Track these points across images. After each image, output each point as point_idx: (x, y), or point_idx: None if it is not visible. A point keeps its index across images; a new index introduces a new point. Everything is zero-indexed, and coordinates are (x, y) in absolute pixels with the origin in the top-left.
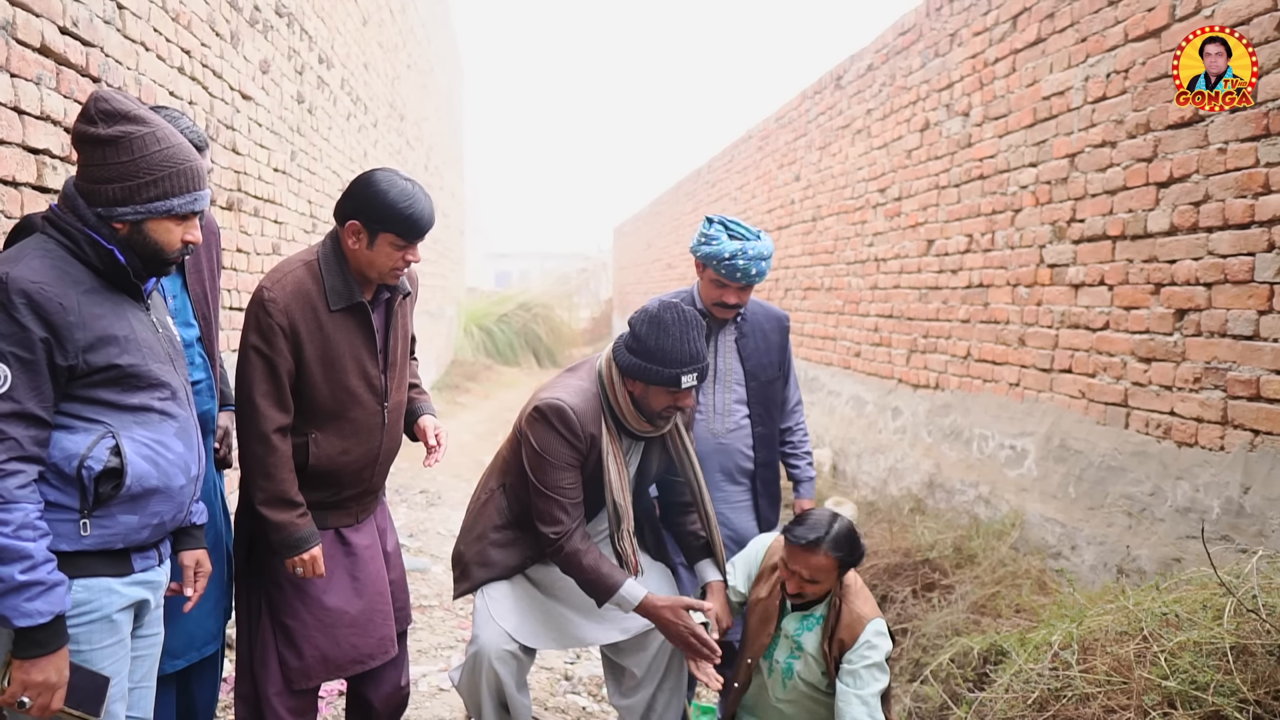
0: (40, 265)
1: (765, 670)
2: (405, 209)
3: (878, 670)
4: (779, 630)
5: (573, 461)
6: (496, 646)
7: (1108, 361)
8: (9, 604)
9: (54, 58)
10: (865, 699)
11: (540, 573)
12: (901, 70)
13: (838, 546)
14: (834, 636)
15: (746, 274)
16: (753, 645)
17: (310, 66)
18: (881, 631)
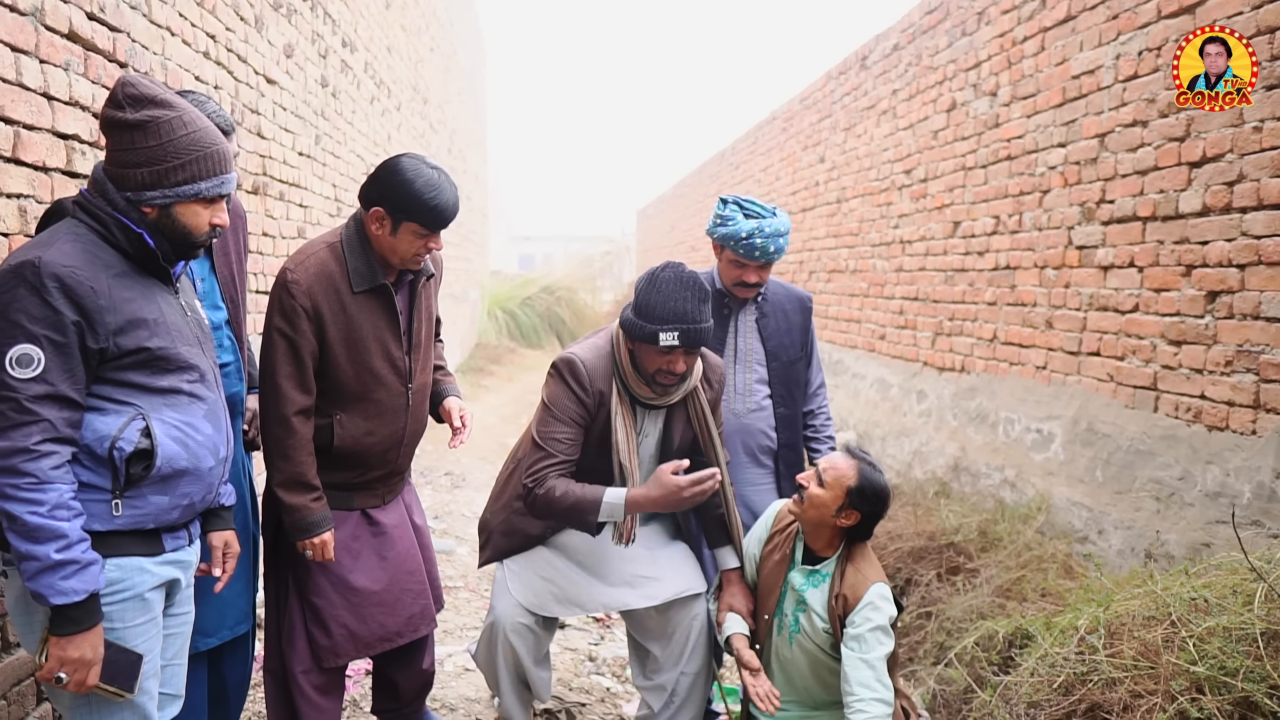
0: (71, 249)
1: (776, 628)
2: (430, 199)
3: (882, 634)
4: (786, 583)
5: (576, 418)
6: (511, 619)
7: (1137, 344)
8: (45, 582)
9: (82, 43)
10: (870, 662)
11: (561, 540)
12: (928, 50)
13: (866, 473)
14: (838, 594)
15: (765, 251)
16: (764, 602)
17: (334, 50)
18: (886, 596)
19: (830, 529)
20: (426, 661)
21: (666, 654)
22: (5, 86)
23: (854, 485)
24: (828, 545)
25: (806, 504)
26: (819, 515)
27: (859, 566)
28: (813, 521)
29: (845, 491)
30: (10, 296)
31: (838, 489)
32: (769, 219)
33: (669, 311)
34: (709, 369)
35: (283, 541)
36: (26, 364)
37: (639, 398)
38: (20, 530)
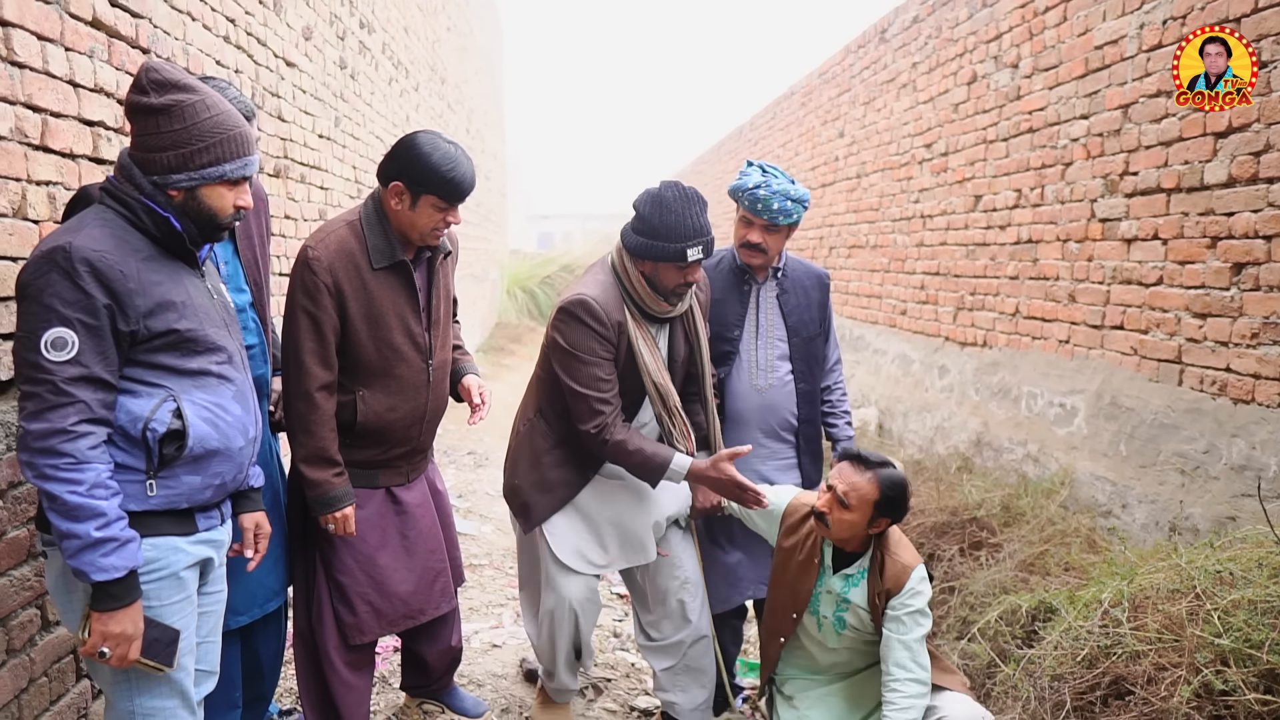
0: (100, 234)
1: (814, 625)
2: (448, 172)
3: (920, 616)
4: (820, 587)
5: (604, 354)
6: (579, 595)
7: (1161, 317)
8: (85, 560)
9: (105, 30)
10: (908, 644)
11: (593, 498)
12: (948, 22)
13: (887, 482)
14: (881, 590)
15: (769, 208)
16: (796, 599)
17: (352, 32)
18: (924, 577)
19: (861, 538)
20: (455, 638)
21: (663, 619)
22: (33, 75)
23: (879, 499)
24: (860, 545)
25: (834, 528)
26: (850, 533)
27: (894, 555)
28: (844, 539)
29: (873, 506)
30: (43, 281)
31: (864, 507)
32: (779, 179)
33: (687, 229)
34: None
35: (311, 520)
36: (61, 347)
37: (653, 314)
38: (60, 509)
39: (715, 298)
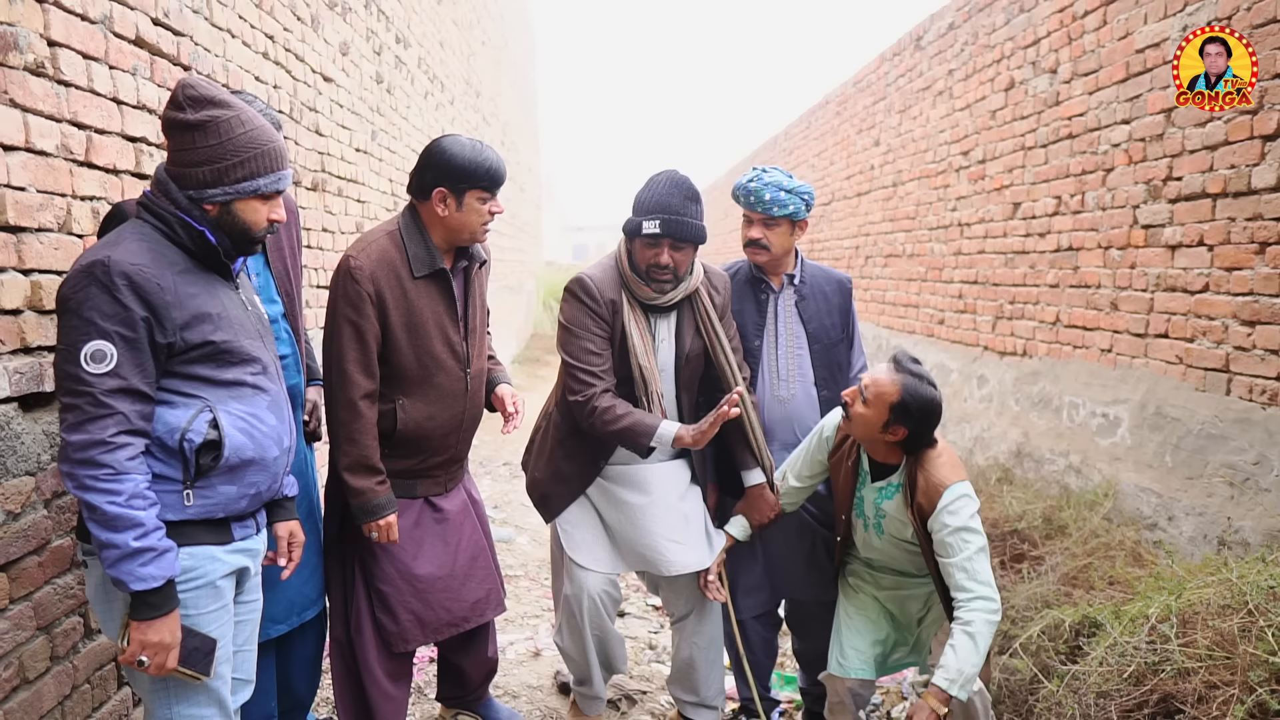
0: (138, 248)
1: (861, 526)
2: (483, 162)
3: (965, 534)
4: (859, 495)
5: (597, 330)
6: (596, 585)
7: (1207, 325)
8: (124, 569)
9: (148, 48)
10: (962, 565)
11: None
12: (984, 28)
13: (909, 388)
14: (914, 502)
15: (761, 199)
16: (842, 502)
17: (388, 47)
18: (961, 495)
19: (882, 444)
20: (492, 649)
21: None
22: (78, 93)
23: (896, 402)
24: (888, 456)
25: (853, 422)
26: (866, 432)
27: (929, 472)
28: (862, 438)
29: (888, 408)
30: (83, 295)
31: (880, 406)
32: (774, 173)
33: (653, 203)
34: (713, 276)
35: (348, 529)
36: (100, 359)
37: (642, 300)
38: (100, 519)
39: (733, 308)
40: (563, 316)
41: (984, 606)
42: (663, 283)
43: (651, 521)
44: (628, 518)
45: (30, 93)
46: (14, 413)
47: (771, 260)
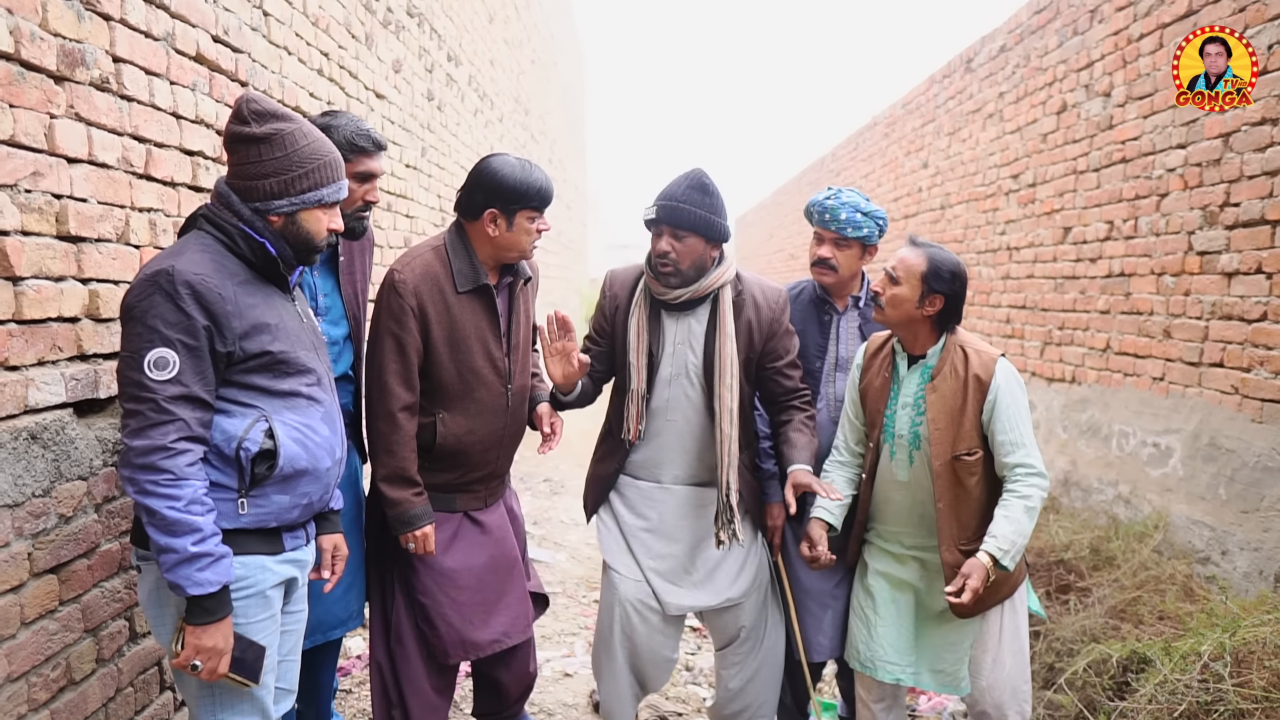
0: (200, 259)
1: (888, 455)
2: (534, 183)
3: (1021, 405)
4: (894, 400)
5: (599, 320)
6: (631, 594)
7: (1265, 355)
8: (182, 574)
9: (207, 65)
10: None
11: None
12: (1037, 50)
13: (933, 254)
14: (969, 373)
15: (836, 218)
16: (872, 426)
17: (439, 65)
18: (1009, 367)
19: (921, 322)
20: (532, 665)
21: (719, 644)
22: (140, 107)
23: (926, 270)
24: (927, 341)
25: (887, 306)
26: (903, 313)
27: (974, 346)
28: (900, 322)
29: (920, 278)
30: (148, 304)
31: (912, 279)
32: (851, 193)
33: (660, 193)
34: (761, 290)
35: (388, 542)
36: (163, 366)
37: (655, 296)
38: (159, 524)
39: (796, 328)
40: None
41: (1039, 483)
42: (666, 275)
43: (644, 552)
44: (635, 539)
45: (95, 107)
46: (69, 418)
47: (838, 282)
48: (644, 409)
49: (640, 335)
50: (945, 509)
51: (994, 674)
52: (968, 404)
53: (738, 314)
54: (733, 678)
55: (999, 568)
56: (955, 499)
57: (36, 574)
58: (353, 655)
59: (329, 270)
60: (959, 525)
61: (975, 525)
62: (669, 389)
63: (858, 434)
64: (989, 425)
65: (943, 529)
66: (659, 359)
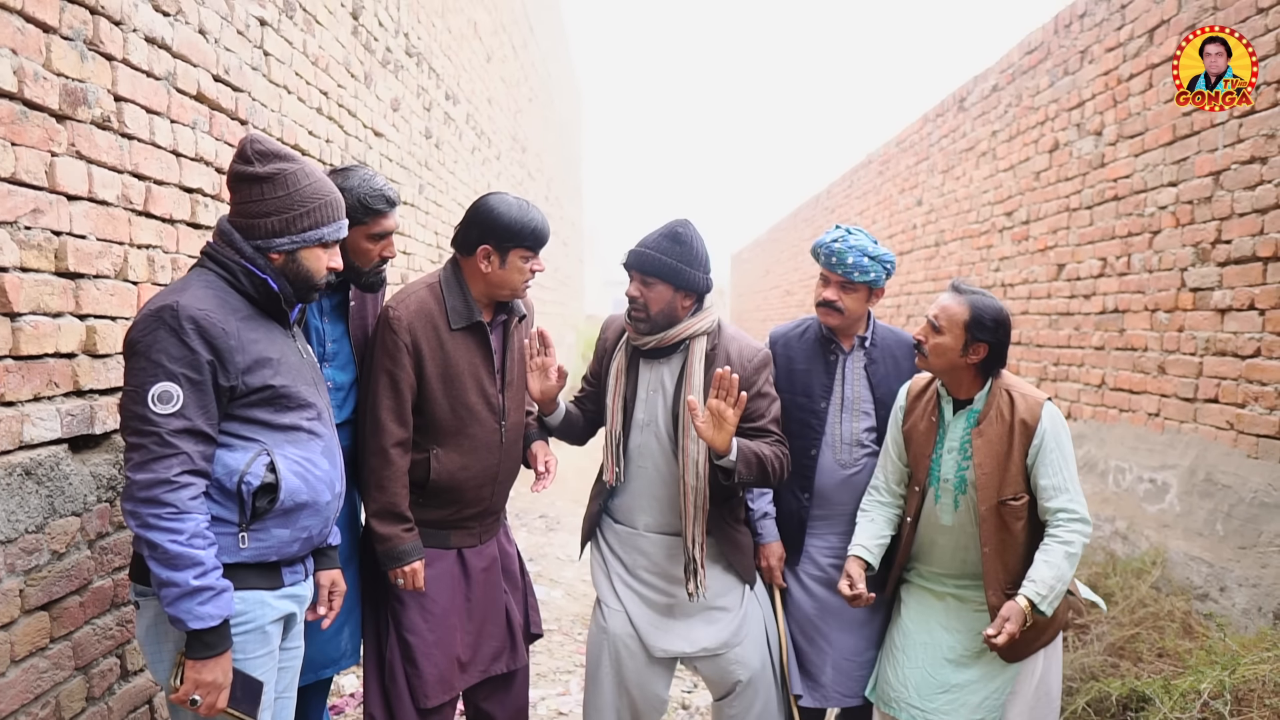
0: (203, 294)
1: (933, 498)
2: (529, 223)
3: (1066, 451)
4: (940, 447)
5: (595, 362)
6: (619, 630)
7: (1260, 391)
8: (183, 608)
9: (208, 103)
10: (1064, 485)
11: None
12: (1028, 90)
13: (976, 303)
14: (1015, 418)
15: (843, 262)
16: (919, 470)
17: (437, 103)
18: (1056, 411)
19: (965, 370)
20: (524, 698)
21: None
22: (140, 145)
23: (969, 319)
24: (972, 387)
25: (931, 355)
26: (947, 361)
27: (1020, 390)
28: (943, 370)
29: (964, 327)
30: (152, 338)
31: (955, 329)
32: (859, 236)
33: (640, 240)
34: (737, 345)
35: (382, 579)
36: (167, 400)
37: (629, 339)
38: (161, 558)
39: (800, 368)
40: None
41: (1081, 529)
42: (636, 320)
43: (626, 593)
44: (619, 579)
45: (95, 145)
46: (64, 454)
47: (843, 323)
48: (619, 453)
49: (618, 380)
50: (991, 553)
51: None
52: (1014, 449)
53: (708, 366)
54: None
55: (1037, 612)
56: (1001, 543)
57: (28, 611)
58: (345, 694)
59: (338, 315)
60: (1005, 570)
61: (1020, 569)
62: (641, 435)
63: (899, 474)
64: (1033, 469)
65: (988, 573)
66: (633, 405)
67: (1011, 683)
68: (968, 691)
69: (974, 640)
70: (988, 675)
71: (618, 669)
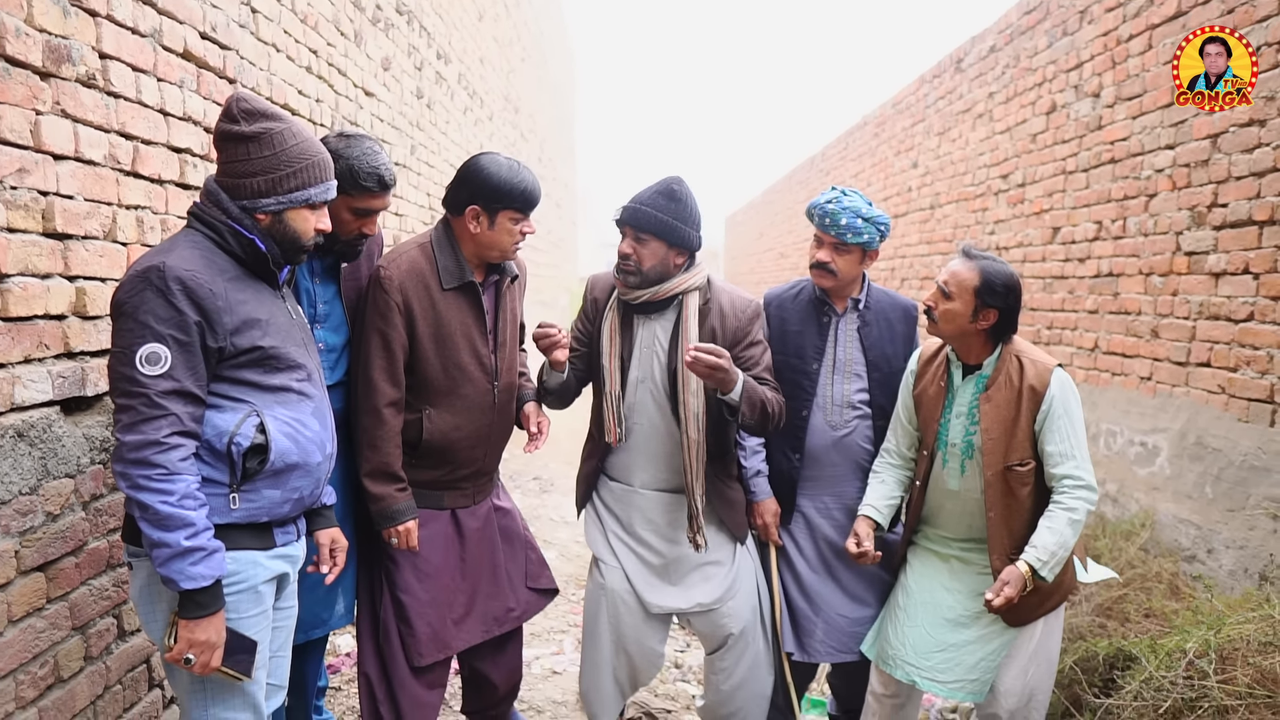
0: (190, 255)
1: (940, 463)
2: (518, 184)
3: (1075, 417)
4: (949, 411)
5: (581, 323)
6: (616, 585)
7: (1252, 355)
8: (175, 568)
9: (195, 61)
10: (1071, 452)
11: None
12: (1026, 51)
13: (986, 269)
14: (1023, 383)
15: (836, 223)
16: (926, 434)
17: (429, 63)
18: (1066, 378)
19: (975, 335)
20: (518, 657)
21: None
22: (127, 104)
23: (979, 284)
24: (981, 352)
25: (941, 321)
26: (957, 327)
27: (1030, 356)
28: (954, 335)
29: (974, 293)
30: (139, 299)
31: (965, 294)
32: (854, 197)
33: (633, 196)
34: (730, 299)
35: (377, 539)
36: (155, 362)
37: (620, 296)
38: (152, 519)
39: (793, 329)
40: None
41: (1086, 495)
42: (627, 275)
43: (623, 550)
44: (615, 537)
45: (81, 103)
46: (56, 416)
47: (836, 285)
48: (620, 411)
49: (613, 338)
50: (996, 518)
51: (1016, 680)
52: (1021, 414)
53: (702, 321)
54: (723, 682)
55: (1037, 578)
56: (1007, 509)
57: (24, 572)
58: (342, 653)
59: (330, 277)
60: (1009, 534)
61: (1025, 534)
62: (636, 393)
63: (909, 438)
64: (1040, 435)
65: (993, 538)
66: (629, 363)
67: (1009, 646)
68: (964, 652)
69: (975, 602)
70: (985, 637)
71: (615, 625)
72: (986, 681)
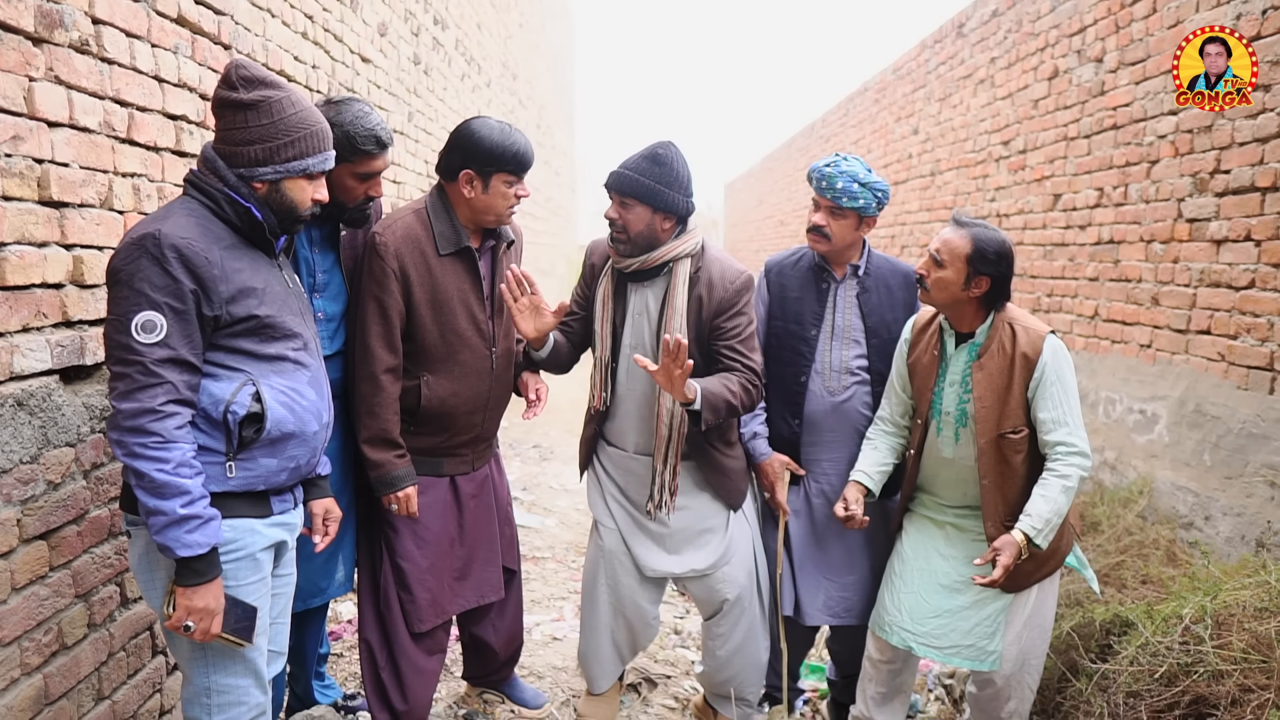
0: (186, 223)
1: (935, 431)
2: (510, 145)
3: (1068, 383)
4: (942, 378)
5: (580, 289)
6: (613, 546)
7: (1252, 323)
8: (171, 535)
9: (189, 27)
10: (1064, 419)
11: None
12: (1029, 15)
13: (978, 235)
14: (1016, 351)
15: (832, 186)
16: (920, 402)
17: (426, 28)
18: (1059, 345)
19: (968, 303)
20: (519, 624)
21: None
22: (121, 70)
23: (971, 252)
24: (974, 320)
25: (933, 289)
26: (949, 295)
27: (1023, 323)
28: (946, 304)
29: (966, 260)
30: (134, 267)
31: (957, 262)
32: (853, 162)
33: (623, 161)
34: (719, 268)
35: (376, 506)
36: (150, 329)
37: (613, 263)
38: (148, 486)
39: (793, 295)
40: None
41: (1080, 462)
42: (617, 242)
43: (620, 513)
44: (613, 500)
45: (75, 70)
46: (55, 385)
47: (832, 250)
48: (608, 377)
49: (606, 304)
50: (990, 486)
51: (1011, 646)
52: (1014, 382)
53: (690, 289)
54: (720, 647)
55: (1033, 546)
56: (1000, 476)
57: (26, 540)
58: (344, 620)
59: (329, 246)
60: (1004, 502)
61: (1019, 502)
62: (629, 359)
63: (903, 406)
64: (1033, 403)
65: (987, 505)
66: (621, 329)
67: (1004, 612)
68: (959, 618)
69: (970, 568)
70: (981, 602)
71: (614, 587)
72: (982, 647)
